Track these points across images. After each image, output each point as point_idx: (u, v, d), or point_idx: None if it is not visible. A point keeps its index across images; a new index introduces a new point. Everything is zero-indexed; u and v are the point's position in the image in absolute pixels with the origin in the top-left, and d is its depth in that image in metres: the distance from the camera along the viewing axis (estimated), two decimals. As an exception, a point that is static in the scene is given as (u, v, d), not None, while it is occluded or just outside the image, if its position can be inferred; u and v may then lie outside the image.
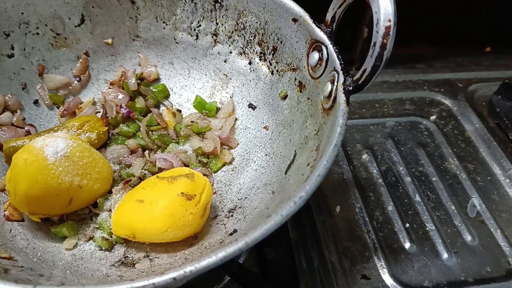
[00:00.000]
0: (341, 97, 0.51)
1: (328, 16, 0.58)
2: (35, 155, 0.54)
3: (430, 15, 1.09)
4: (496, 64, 1.06)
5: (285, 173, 0.60)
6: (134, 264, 0.56)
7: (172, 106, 0.72)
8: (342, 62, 0.55)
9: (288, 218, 0.44)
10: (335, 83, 0.54)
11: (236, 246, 0.41)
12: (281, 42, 0.64)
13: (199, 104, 0.71)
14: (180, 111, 0.72)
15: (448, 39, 1.16)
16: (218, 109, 0.71)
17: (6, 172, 0.61)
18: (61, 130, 0.63)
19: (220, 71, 0.72)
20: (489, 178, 0.77)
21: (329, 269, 0.64)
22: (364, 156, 0.79)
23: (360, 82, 0.51)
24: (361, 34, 1.08)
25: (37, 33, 0.67)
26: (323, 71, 0.57)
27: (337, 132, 0.49)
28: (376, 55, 0.48)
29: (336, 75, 0.54)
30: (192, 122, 0.70)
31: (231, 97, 0.71)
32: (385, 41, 0.48)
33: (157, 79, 0.74)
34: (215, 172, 0.67)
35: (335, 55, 0.55)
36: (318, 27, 0.58)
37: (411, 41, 1.10)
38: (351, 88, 0.52)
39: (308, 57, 0.60)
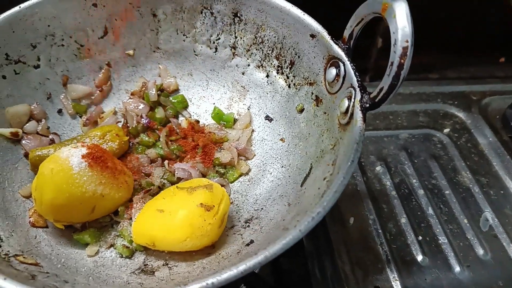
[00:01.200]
0: (358, 114, 0.53)
1: (346, 33, 0.59)
2: (61, 165, 0.56)
3: (443, 24, 1.09)
4: (510, 76, 1.06)
5: (301, 186, 0.61)
6: (153, 272, 0.57)
7: (190, 117, 0.74)
8: (359, 79, 0.56)
9: (306, 233, 0.45)
10: (352, 100, 0.55)
11: (256, 259, 0.43)
12: (298, 57, 0.66)
13: (217, 115, 0.73)
14: (198, 121, 0.74)
15: (461, 48, 1.16)
16: (235, 120, 0.73)
17: (31, 179, 0.63)
18: (84, 140, 0.65)
19: (238, 83, 0.74)
20: (502, 192, 0.77)
21: (342, 279, 0.65)
22: (378, 168, 0.80)
23: (377, 100, 0.53)
24: (376, 44, 1.08)
25: (62, 45, 0.69)
26: (340, 87, 0.59)
27: (354, 149, 0.50)
28: (394, 75, 0.50)
29: (353, 92, 0.55)
30: (210, 132, 0.72)
31: (248, 109, 0.73)
32: (402, 61, 0.49)
33: (176, 90, 0.76)
34: (231, 182, 0.68)
35: (352, 72, 0.57)
36: (336, 43, 0.60)
37: (424, 50, 1.10)
38: (368, 105, 0.53)
39: (325, 73, 0.62)
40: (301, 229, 0.45)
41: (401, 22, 0.49)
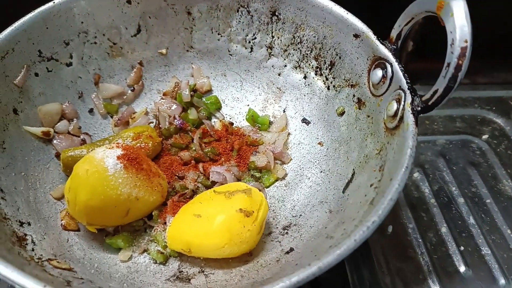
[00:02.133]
0: (410, 118, 0.50)
1: (394, 33, 0.57)
2: (96, 166, 0.54)
3: (472, 29, 1.06)
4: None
5: (343, 192, 0.59)
6: (189, 280, 0.55)
7: (224, 118, 0.72)
8: (409, 81, 0.53)
9: (361, 243, 0.43)
10: (402, 103, 0.52)
11: (310, 270, 0.40)
12: (339, 58, 0.63)
13: (252, 117, 0.70)
14: (232, 123, 0.71)
15: (491, 54, 1.13)
16: (270, 123, 0.70)
17: (63, 180, 0.62)
18: (117, 140, 0.63)
19: (273, 84, 0.71)
20: (545, 201, 0.74)
21: (383, 291, 0.63)
22: (416, 175, 0.77)
23: (430, 103, 0.50)
24: (406, 47, 1.06)
25: (95, 42, 0.67)
26: (387, 89, 0.56)
27: (408, 154, 0.48)
28: (450, 76, 0.47)
29: (403, 94, 0.53)
30: (244, 135, 0.69)
31: (284, 111, 0.71)
32: (460, 62, 0.47)
33: (210, 91, 0.74)
34: (267, 187, 0.66)
35: (401, 73, 0.54)
36: (382, 44, 0.57)
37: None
38: (419, 108, 0.51)
39: (369, 74, 0.59)
40: (356, 239, 0.42)
41: (460, 21, 0.46)
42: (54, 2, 0.62)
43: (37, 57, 0.62)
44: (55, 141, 0.64)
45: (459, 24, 0.46)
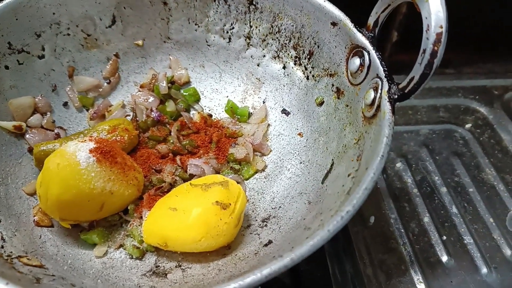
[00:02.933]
0: (386, 106, 0.49)
1: (371, 20, 0.56)
2: (68, 160, 0.52)
3: (459, 20, 1.05)
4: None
5: (322, 183, 0.58)
6: (166, 274, 0.54)
7: (202, 110, 0.71)
8: (386, 69, 0.52)
9: (335, 234, 0.42)
10: (379, 91, 0.51)
11: (282, 262, 0.39)
12: (318, 47, 0.62)
13: (231, 109, 0.69)
14: (211, 115, 0.70)
15: (477, 45, 1.12)
16: (250, 114, 0.69)
17: (36, 176, 0.60)
18: (92, 134, 0.62)
19: (252, 75, 0.70)
20: (528, 190, 0.74)
21: (364, 282, 0.62)
22: (398, 165, 0.76)
23: (406, 91, 0.49)
24: (390, 38, 1.05)
25: (68, 34, 0.66)
26: (364, 78, 0.55)
27: (383, 142, 0.47)
28: (426, 63, 0.46)
29: (380, 82, 0.52)
30: (223, 127, 0.68)
31: (263, 102, 0.69)
32: (435, 48, 0.45)
33: (188, 83, 0.72)
34: (246, 179, 0.65)
35: (378, 61, 0.53)
36: (360, 31, 0.56)
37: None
38: (396, 96, 0.50)
39: (347, 63, 0.58)
40: (330, 229, 0.41)
41: (435, 7, 0.45)
42: (23, -8, 0.60)
43: (7, 49, 0.61)
44: (27, 136, 0.62)
45: (434, 10, 0.45)
